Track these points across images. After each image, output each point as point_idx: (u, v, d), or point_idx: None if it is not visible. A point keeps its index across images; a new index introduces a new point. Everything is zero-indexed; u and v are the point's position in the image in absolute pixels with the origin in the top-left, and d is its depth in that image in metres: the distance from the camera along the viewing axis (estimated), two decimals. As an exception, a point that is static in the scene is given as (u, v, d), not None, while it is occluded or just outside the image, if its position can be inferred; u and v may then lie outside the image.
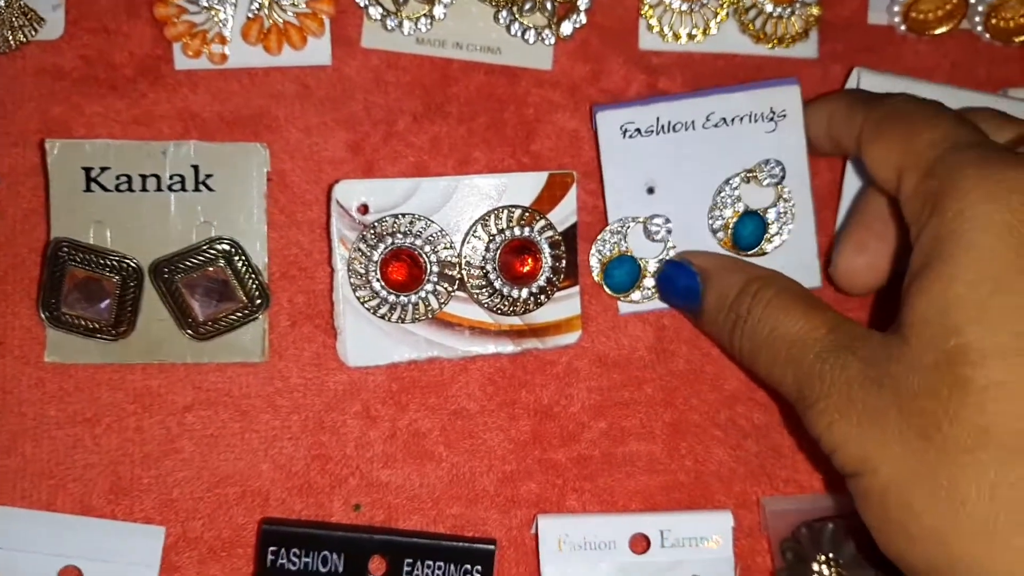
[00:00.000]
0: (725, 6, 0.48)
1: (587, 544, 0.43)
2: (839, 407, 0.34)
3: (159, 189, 0.42)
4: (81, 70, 0.45)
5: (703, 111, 0.44)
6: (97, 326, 0.42)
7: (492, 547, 0.42)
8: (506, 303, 0.43)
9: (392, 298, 0.43)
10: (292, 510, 0.43)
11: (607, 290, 0.45)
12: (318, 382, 0.44)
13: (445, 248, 0.43)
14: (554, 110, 0.47)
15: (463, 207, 0.44)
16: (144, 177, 0.42)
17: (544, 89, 0.47)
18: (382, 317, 0.43)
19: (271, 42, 0.45)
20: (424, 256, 0.43)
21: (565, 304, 0.44)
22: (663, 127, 0.44)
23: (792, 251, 0.45)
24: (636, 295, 0.45)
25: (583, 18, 0.47)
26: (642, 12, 0.48)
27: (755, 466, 0.45)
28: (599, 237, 0.45)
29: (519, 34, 0.47)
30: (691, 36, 0.48)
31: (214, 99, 0.45)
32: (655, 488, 0.45)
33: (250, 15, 0.45)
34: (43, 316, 0.42)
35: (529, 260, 0.43)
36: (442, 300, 0.43)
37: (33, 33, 0.45)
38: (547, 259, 0.43)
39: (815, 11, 0.48)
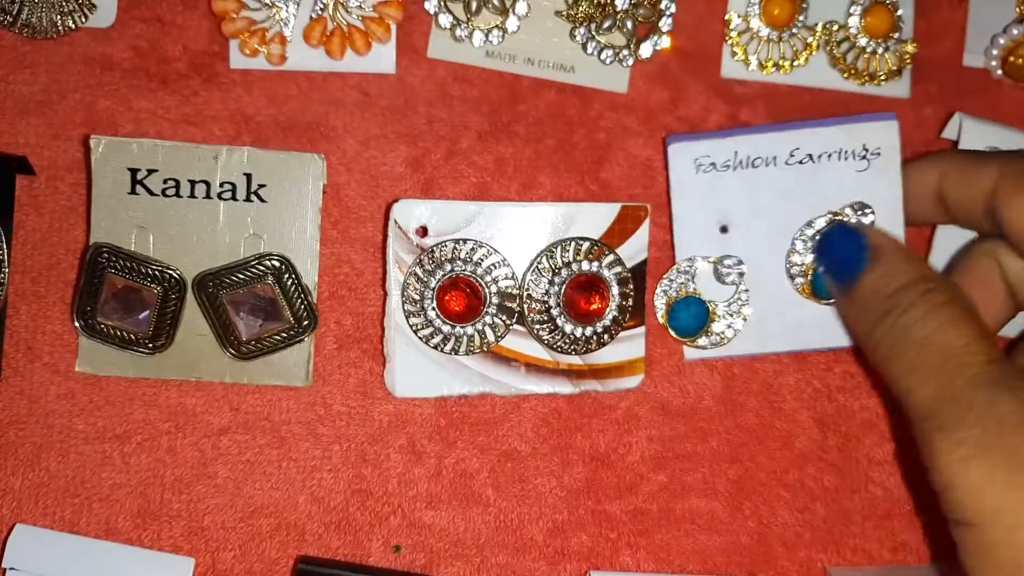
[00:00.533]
0: (816, 37, 0.45)
1: (642, 607, 0.40)
2: (982, 444, 0.31)
3: (208, 196, 0.40)
4: (131, 62, 0.43)
5: (787, 146, 0.41)
6: (134, 338, 0.40)
7: (539, 602, 0.40)
8: (567, 341, 0.41)
9: (447, 328, 0.40)
10: (328, 547, 0.41)
11: (672, 333, 0.42)
12: (362, 411, 0.42)
13: (506, 279, 0.41)
14: (627, 136, 0.44)
15: (527, 235, 0.41)
16: (193, 183, 0.40)
17: (618, 113, 0.44)
18: (435, 347, 0.40)
19: (334, 45, 0.43)
20: (484, 286, 0.40)
21: (629, 345, 0.42)
22: (741, 162, 0.41)
23: None
24: (703, 340, 0.42)
25: (665, 40, 0.44)
26: (727, 38, 0.45)
27: (822, 532, 0.42)
28: (665, 276, 0.42)
29: (596, 53, 0.44)
30: (778, 66, 0.45)
31: (270, 102, 0.43)
32: (715, 549, 0.42)
33: (313, 15, 0.43)
34: (77, 324, 0.39)
35: (596, 298, 0.41)
36: (499, 333, 0.41)
37: (83, 19, 0.42)
38: (615, 297, 0.41)
39: (910, 48, 0.45)
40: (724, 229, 0.42)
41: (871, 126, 0.42)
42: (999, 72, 0.47)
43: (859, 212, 0.41)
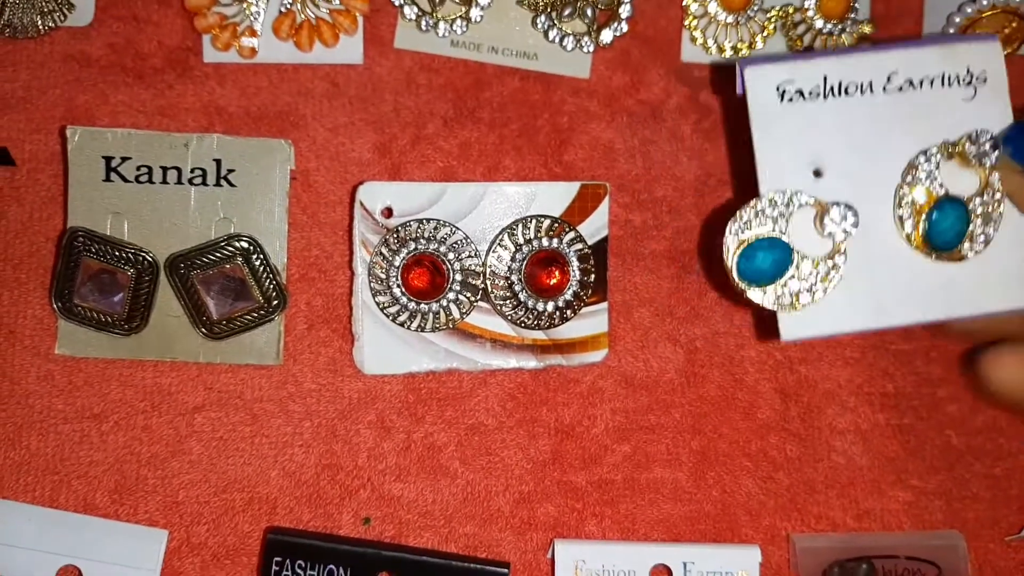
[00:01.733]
0: (773, 20, 0.46)
1: (605, 572, 0.41)
2: None
3: (179, 182, 0.41)
4: (108, 58, 0.44)
5: (884, 69, 0.35)
6: (110, 319, 0.41)
7: (506, 570, 0.40)
8: (530, 316, 0.42)
9: (412, 305, 0.41)
10: (300, 520, 0.42)
11: (736, 277, 0.35)
12: (332, 388, 0.43)
13: (469, 256, 0.42)
14: (589, 120, 0.45)
15: (490, 215, 0.42)
16: (165, 169, 0.41)
17: (580, 98, 0.46)
18: (401, 325, 0.41)
19: (302, 38, 0.44)
20: (447, 264, 0.41)
21: (592, 320, 0.43)
22: (832, 88, 0.35)
23: (995, 258, 0.36)
24: (771, 293, 0.35)
25: (624, 26, 0.45)
26: (685, 23, 0.47)
27: (786, 500, 0.43)
28: (746, 208, 0.35)
29: (557, 40, 0.45)
30: (736, 50, 0.46)
31: (241, 94, 0.44)
32: (679, 518, 0.43)
33: (282, 9, 0.44)
34: (55, 307, 0.41)
35: (556, 272, 0.42)
36: (464, 310, 0.42)
37: (62, 19, 0.44)
38: (575, 272, 0.42)
39: (866, 29, 0.46)
40: (818, 173, 0.35)
41: (974, 47, 0.36)
42: (957, 51, 0.48)
43: (982, 144, 0.35)
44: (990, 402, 0.37)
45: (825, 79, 0.35)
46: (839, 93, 0.35)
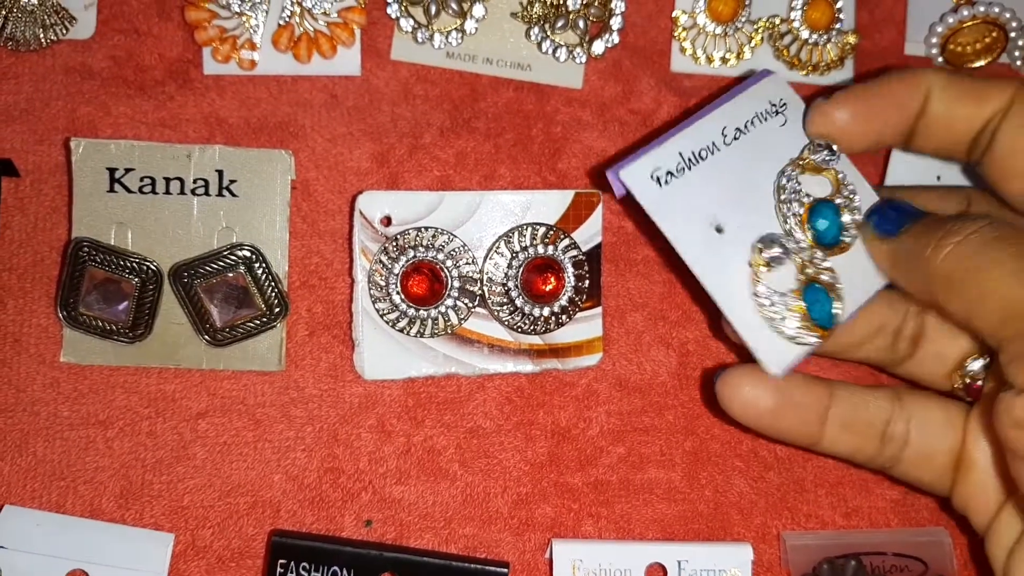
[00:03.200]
0: (760, 31, 0.48)
1: (602, 571, 0.42)
2: None
3: (182, 192, 0.42)
4: (110, 70, 0.45)
5: (716, 129, 0.39)
6: (114, 328, 0.42)
7: (505, 570, 0.41)
8: (527, 321, 0.43)
9: (412, 312, 0.42)
10: (303, 523, 0.42)
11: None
12: (334, 394, 0.43)
13: (467, 263, 0.43)
14: (582, 129, 0.46)
15: (487, 223, 0.43)
16: (168, 180, 0.42)
17: (573, 107, 0.47)
18: (401, 331, 0.42)
19: (301, 50, 0.45)
20: (445, 271, 0.42)
21: (587, 325, 0.44)
22: (689, 160, 0.39)
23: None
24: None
25: (615, 38, 0.46)
26: (675, 34, 0.48)
27: (776, 499, 0.44)
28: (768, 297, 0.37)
29: (550, 51, 0.46)
30: (724, 60, 0.48)
31: (241, 105, 0.45)
32: (673, 517, 0.44)
33: (281, 22, 0.45)
34: (61, 315, 0.41)
35: (552, 279, 0.43)
36: (462, 316, 0.43)
37: (64, 32, 0.45)
38: (570, 278, 0.43)
39: (851, 39, 0.48)
40: (719, 229, 0.38)
41: (760, 86, 0.40)
42: (940, 59, 0.49)
43: (821, 150, 0.39)
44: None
45: (680, 155, 0.38)
46: (697, 160, 0.39)
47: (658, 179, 0.38)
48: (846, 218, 0.39)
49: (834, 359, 0.44)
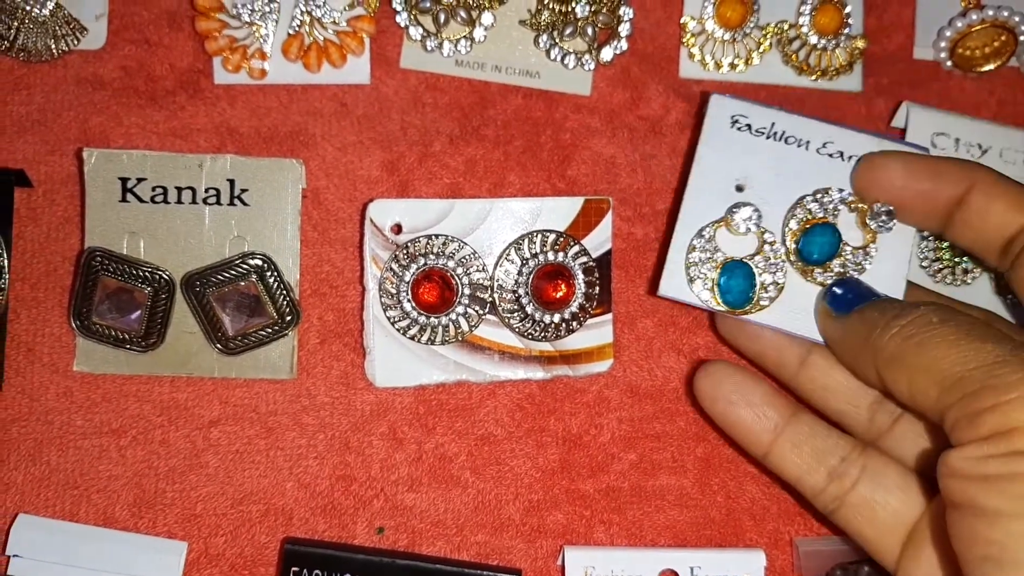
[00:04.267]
0: (768, 36, 0.48)
1: (614, 578, 0.42)
2: None
3: (194, 202, 0.42)
4: (121, 81, 0.46)
5: (822, 136, 0.41)
6: (127, 336, 0.42)
7: (516, 577, 0.41)
8: (537, 328, 0.43)
9: (422, 319, 0.42)
10: (315, 530, 0.43)
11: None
12: (345, 401, 0.44)
13: (477, 271, 0.43)
14: (591, 135, 0.47)
15: (497, 230, 0.43)
16: (180, 189, 0.42)
17: (582, 114, 0.47)
18: (412, 338, 0.42)
19: (311, 59, 0.45)
20: (456, 278, 0.42)
21: (597, 331, 0.44)
22: (775, 134, 0.41)
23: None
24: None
25: (624, 44, 0.46)
26: (683, 40, 0.48)
27: (788, 505, 0.44)
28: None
29: (559, 59, 0.46)
30: (733, 66, 0.48)
31: (252, 114, 0.45)
32: (685, 524, 0.44)
33: (291, 32, 0.45)
34: (74, 325, 0.42)
35: (562, 285, 0.43)
36: (473, 323, 0.43)
37: (75, 42, 0.45)
38: (580, 285, 0.43)
39: (860, 44, 0.48)
40: (740, 188, 0.41)
41: (901, 146, 0.41)
42: (948, 63, 0.49)
43: (880, 214, 0.40)
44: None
45: (772, 124, 0.41)
46: (780, 139, 0.41)
47: (735, 121, 0.41)
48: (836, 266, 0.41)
49: (808, 400, 0.43)
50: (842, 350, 0.39)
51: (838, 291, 0.40)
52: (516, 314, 0.43)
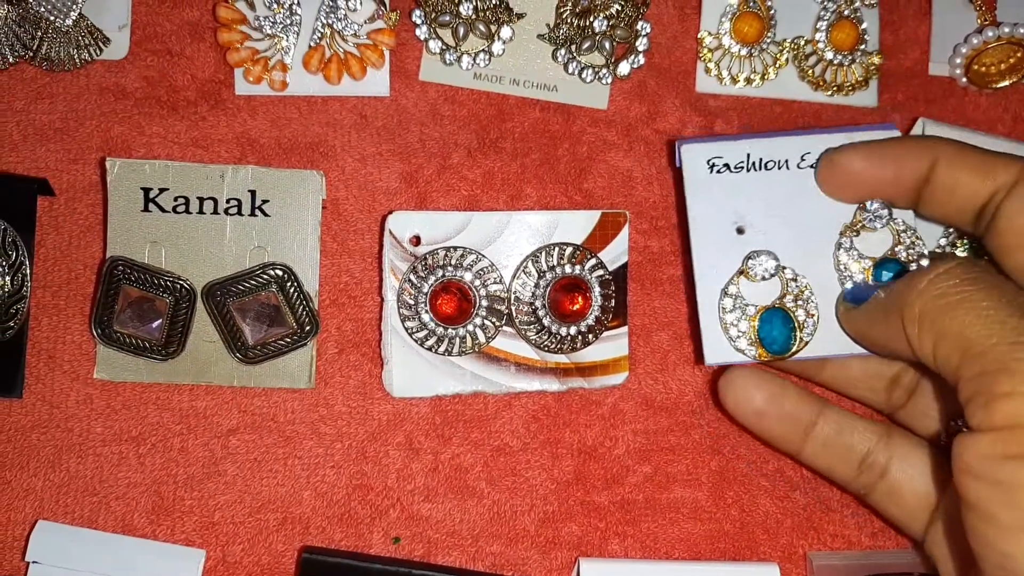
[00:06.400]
0: (785, 52, 0.48)
1: (628, 590, 0.42)
2: None
3: (216, 212, 0.43)
4: (143, 91, 0.46)
5: (797, 151, 0.41)
6: (147, 345, 0.42)
7: (531, 588, 0.42)
8: (553, 340, 0.43)
9: (440, 330, 0.43)
10: (332, 539, 0.43)
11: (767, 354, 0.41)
12: (362, 411, 0.44)
13: (494, 283, 0.43)
14: (608, 149, 0.47)
15: (514, 242, 0.43)
16: (201, 200, 0.43)
17: (599, 128, 0.47)
18: (429, 349, 0.43)
19: (331, 71, 0.46)
20: (473, 290, 0.43)
21: (613, 344, 0.44)
22: (754, 164, 0.41)
23: None
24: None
25: (641, 59, 0.47)
26: (700, 55, 0.48)
27: (802, 519, 0.44)
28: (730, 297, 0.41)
29: (576, 73, 0.47)
30: (749, 80, 0.48)
31: (272, 125, 0.46)
32: (699, 536, 0.44)
33: (312, 44, 0.46)
34: (95, 332, 0.42)
35: (579, 298, 0.43)
36: (490, 335, 0.43)
37: (98, 52, 0.46)
38: (597, 298, 0.43)
39: (876, 60, 0.48)
40: (740, 231, 0.41)
41: (872, 135, 0.41)
42: (963, 80, 0.49)
43: (872, 211, 0.40)
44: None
45: (748, 156, 0.41)
46: (760, 168, 0.41)
47: (712, 166, 0.41)
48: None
49: (831, 390, 0.44)
50: (868, 331, 0.39)
51: (855, 289, 0.40)
52: (532, 326, 0.43)
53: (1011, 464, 0.29)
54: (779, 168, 0.41)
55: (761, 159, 0.41)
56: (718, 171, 0.41)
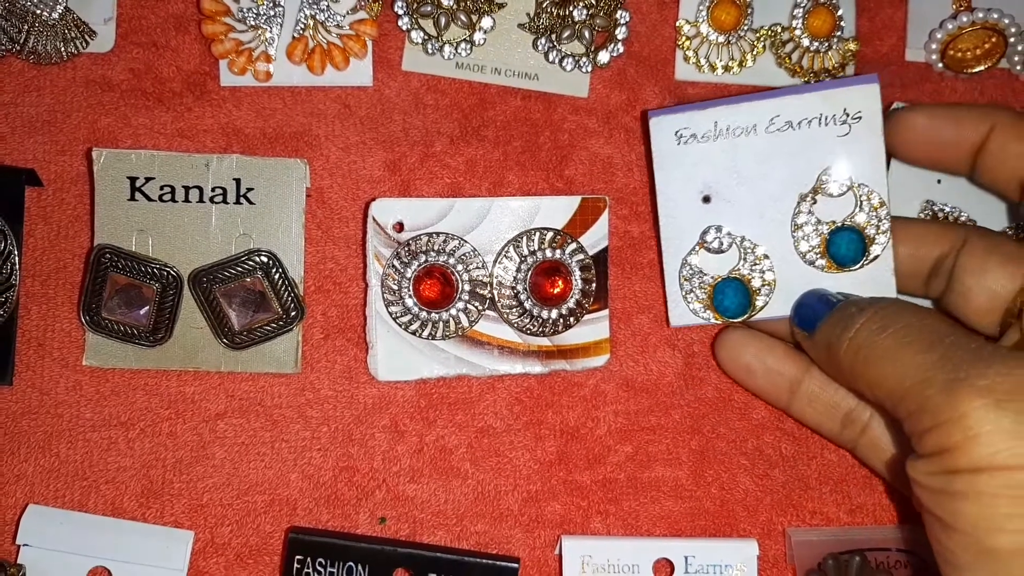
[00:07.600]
0: (762, 39, 0.49)
1: (610, 566, 0.43)
2: (1014, 391, 0.31)
3: (201, 200, 0.43)
4: (129, 83, 0.47)
5: (767, 114, 0.42)
6: (135, 331, 0.43)
7: (516, 565, 0.42)
8: (535, 323, 0.44)
9: (424, 315, 0.43)
10: (319, 520, 0.44)
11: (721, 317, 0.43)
12: (348, 395, 0.45)
13: (477, 267, 0.44)
14: (589, 136, 0.48)
15: (496, 228, 0.44)
16: (187, 188, 0.43)
17: (579, 116, 0.48)
18: (413, 333, 0.43)
19: (315, 62, 0.46)
20: (456, 275, 0.43)
21: (594, 327, 0.45)
22: (722, 132, 0.42)
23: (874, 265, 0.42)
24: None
25: (620, 47, 0.47)
26: (679, 43, 0.49)
27: (781, 496, 0.45)
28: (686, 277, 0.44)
29: (557, 61, 0.47)
30: (727, 68, 0.49)
31: (257, 116, 0.47)
32: (680, 514, 0.45)
33: (295, 35, 0.46)
34: (84, 320, 0.43)
35: (559, 282, 0.44)
36: (472, 318, 0.44)
37: (84, 45, 0.46)
38: (577, 281, 0.44)
39: (852, 46, 0.48)
40: (707, 199, 0.43)
41: (851, 90, 0.41)
42: (939, 65, 0.50)
43: (829, 176, 0.41)
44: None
45: (715, 124, 0.42)
46: (727, 134, 0.42)
47: (680, 136, 0.42)
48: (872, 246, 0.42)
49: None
50: (820, 364, 0.41)
51: (802, 309, 0.42)
52: (515, 310, 0.44)
53: (940, 478, 0.32)
54: (747, 134, 0.42)
55: (729, 126, 0.42)
56: (685, 142, 0.42)
